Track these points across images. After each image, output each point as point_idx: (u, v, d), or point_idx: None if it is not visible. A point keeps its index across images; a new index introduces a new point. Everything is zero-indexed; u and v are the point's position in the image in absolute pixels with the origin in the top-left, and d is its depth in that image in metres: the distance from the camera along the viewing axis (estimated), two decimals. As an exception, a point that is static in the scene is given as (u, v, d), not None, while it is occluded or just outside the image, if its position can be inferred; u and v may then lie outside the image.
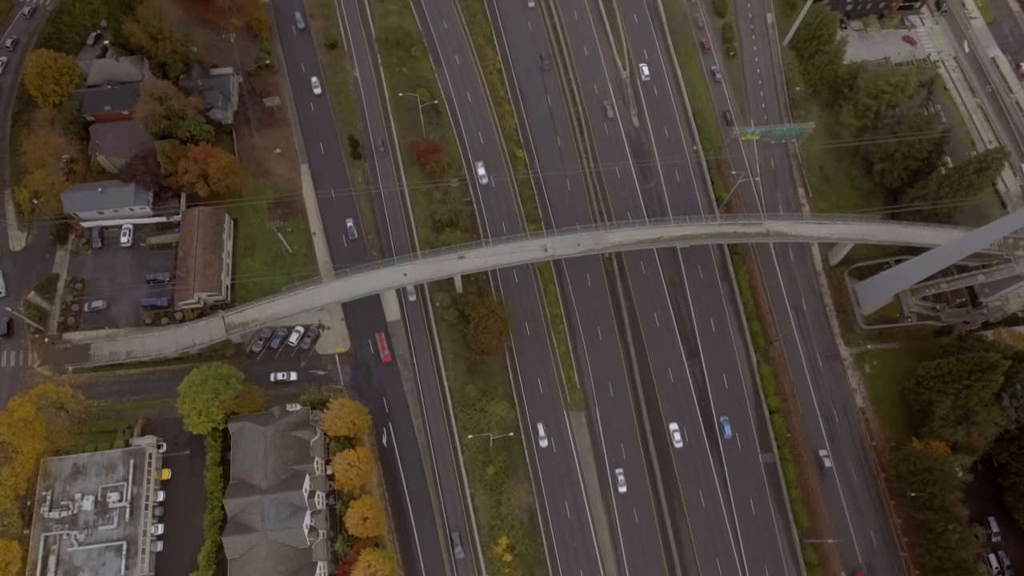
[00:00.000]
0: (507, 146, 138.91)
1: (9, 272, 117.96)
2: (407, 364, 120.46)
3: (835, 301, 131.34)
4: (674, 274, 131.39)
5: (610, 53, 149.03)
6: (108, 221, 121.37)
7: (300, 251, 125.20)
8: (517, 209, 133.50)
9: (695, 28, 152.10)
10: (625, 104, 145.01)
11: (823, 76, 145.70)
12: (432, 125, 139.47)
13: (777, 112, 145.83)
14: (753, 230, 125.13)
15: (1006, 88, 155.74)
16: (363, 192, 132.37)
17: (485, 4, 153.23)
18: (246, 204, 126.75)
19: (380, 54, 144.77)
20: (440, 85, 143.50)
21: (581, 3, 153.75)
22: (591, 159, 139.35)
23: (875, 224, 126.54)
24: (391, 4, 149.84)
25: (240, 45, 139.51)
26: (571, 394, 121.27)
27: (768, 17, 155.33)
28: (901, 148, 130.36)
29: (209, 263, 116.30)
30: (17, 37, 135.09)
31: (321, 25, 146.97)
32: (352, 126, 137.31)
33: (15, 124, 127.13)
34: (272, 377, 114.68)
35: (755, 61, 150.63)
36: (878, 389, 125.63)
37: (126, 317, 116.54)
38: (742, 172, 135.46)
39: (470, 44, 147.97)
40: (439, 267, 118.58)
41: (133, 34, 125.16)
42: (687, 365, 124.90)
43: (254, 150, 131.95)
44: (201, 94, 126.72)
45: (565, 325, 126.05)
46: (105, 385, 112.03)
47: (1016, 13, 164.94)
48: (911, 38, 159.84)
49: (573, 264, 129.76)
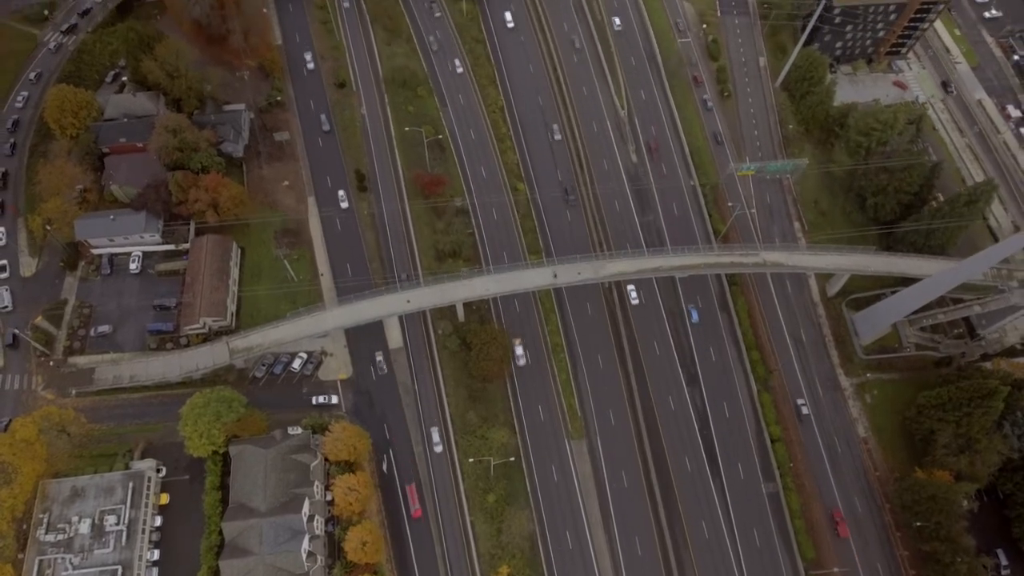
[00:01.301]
0: (509, 180, 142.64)
1: (18, 296, 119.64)
2: (408, 391, 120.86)
3: (834, 331, 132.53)
4: (674, 304, 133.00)
5: (608, 93, 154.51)
6: (118, 248, 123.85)
7: (305, 280, 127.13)
8: (518, 240, 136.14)
9: (690, 68, 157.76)
10: (624, 141, 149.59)
11: (815, 115, 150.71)
12: (436, 160, 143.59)
13: (771, 149, 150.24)
14: (750, 260, 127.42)
15: (993, 128, 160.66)
16: (368, 223, 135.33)
17: (488, 48, 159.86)
18: (253, 234, 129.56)
19: (387, 93, 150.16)
20: (444, 122, 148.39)
21: (581, 48, 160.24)
22: (591, 193, 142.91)
23: (870, 255, 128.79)
24: (398, 47, 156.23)
25: (252, 83, 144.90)
26: (572, 422, 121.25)
27: (760, 60, 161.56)
28: (892, 183, 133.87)
29: (215, 289, 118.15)
30: (41, 71, 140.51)
31: (331, 66, 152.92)
32: (359, 160, 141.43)
33: (32, 155, 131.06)
34: (314, 400, 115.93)
35: (749, 101, 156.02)
36: (879, 419, 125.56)
37: (131, 342, 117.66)
38: (738, 204, 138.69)
39: (474, 85, 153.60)
40: (441, 294, 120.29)
41: (150, 71, 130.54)
42: (687, 393, 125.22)
43: (263, 182, 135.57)
44: (214, 128, 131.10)
45: (566, 353, 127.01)
46: (107, 409, 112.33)
47: (999, 58, 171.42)
48: (901, 83, 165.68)
49: (574, 293, 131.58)
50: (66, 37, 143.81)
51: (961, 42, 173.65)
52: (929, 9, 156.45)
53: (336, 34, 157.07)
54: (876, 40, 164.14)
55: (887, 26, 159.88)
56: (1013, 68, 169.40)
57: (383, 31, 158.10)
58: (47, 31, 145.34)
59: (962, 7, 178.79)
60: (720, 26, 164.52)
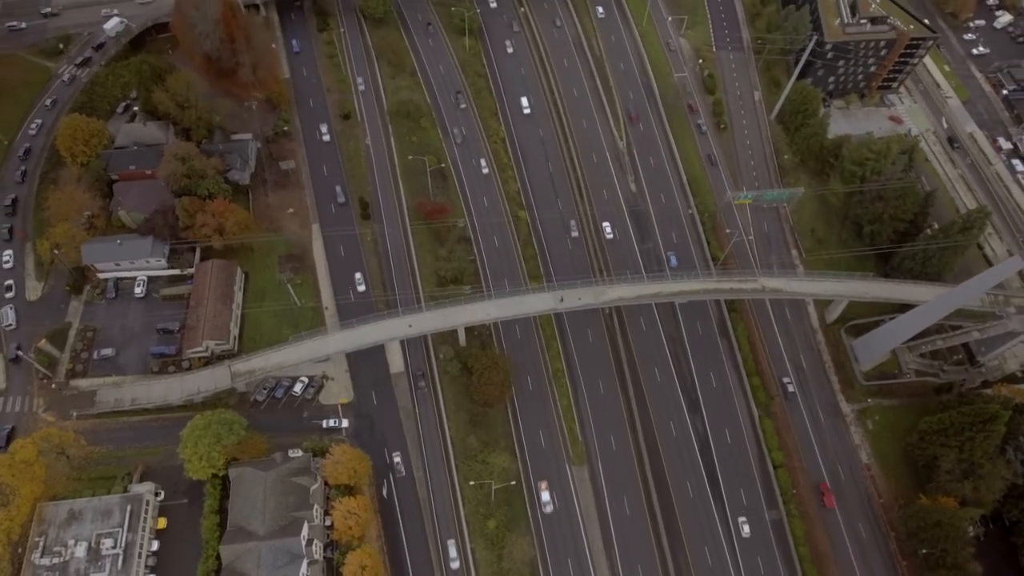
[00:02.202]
0: (510, 208, 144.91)
1: (23, 316, 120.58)
2: (409, 415, 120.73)
3: (833, 358, 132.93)
4: (674, 330, 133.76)
5: (607, 125, 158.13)
6: (124, 272, 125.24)
7: (308, 304, 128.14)
8: (519, 266, 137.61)
9: (686, 97, 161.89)
10: (623, 171, 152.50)
11: (809, 146, 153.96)
12: (439, 188, 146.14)
13: (768, 179, 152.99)
14: (749, 286, 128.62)
15: (985, 160, 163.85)
16: (371, 250, 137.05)
17: (490, 82, 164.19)
18: (258, 259, 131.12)
19: (391, 124, 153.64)
20: (447, 152, 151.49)
21: (580, 81, 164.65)
22: (591, 220, 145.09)
23: (867, 282, 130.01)
24: (403, 80, 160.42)
25: (260, 114, 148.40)
26: (573, 447, 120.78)
27: (755, 94, 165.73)
28: (888, 210, 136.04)
29: (219, 313, 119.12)
30: (56, 98, 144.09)
31: (337, 98, 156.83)
32: (363, 189, 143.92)
33: (42, 182, 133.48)
34: (324, 424, 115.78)
35: (745, 133, 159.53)
36: (882, 446, 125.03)
37: (134, 365, 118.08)
38: (736, 231, 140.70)
39: (476, 116, 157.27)
40: (443, 319, 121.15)
41: (161, 102, 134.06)
42: (689, 419, 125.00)
43: (268, 209, 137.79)
44: (221, 157, 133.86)
45: (567, 379, 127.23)
46: (108, 432, 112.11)
47: (988, 93, 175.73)
48: (897, 117, 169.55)
49: (574, 320, 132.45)
50: (80, 70, 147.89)
51: (951, 77, 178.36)
52: (918, 45, 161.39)
53: (342, 68, 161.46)
54: (868, 75, 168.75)
55: (878, 61, 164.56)
56: (1003, 102, 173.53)
57: (388, 66, 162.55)
58: (61, 64, 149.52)
59: (950, 44, 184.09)
60: (716, 61, 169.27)
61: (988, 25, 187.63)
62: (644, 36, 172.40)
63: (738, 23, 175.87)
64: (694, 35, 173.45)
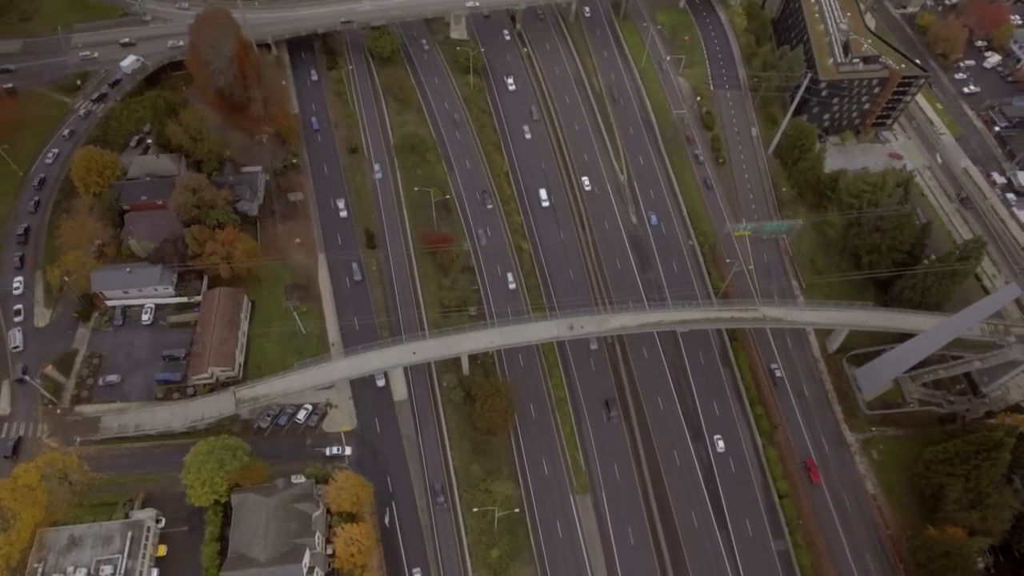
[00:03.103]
0: (513, 239, 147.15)
1: (30, 344, 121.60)
2: (412, 443, 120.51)
3: (836, 387, 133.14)
4: (676, 358, 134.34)
5: (608, 159, 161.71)
6: (132, 300, 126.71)
7: (313, 333, 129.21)
8: (522, 296, 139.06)
9: (684, 129, 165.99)
10: (624, 203, 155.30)
11: (807, 180, 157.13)
12: (443, 220, 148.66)
13: (767, 211, 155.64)
14: (750, 315, 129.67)
15: (980, 194, 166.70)
16: (376, 279, 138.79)
17: (493, 118, 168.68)
18: (264, 288, 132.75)
19: (397, 158, 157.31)
20: (451, 185, 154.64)
21: (581, 116, 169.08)
22: (593, 250, 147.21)
23: (867, 311, 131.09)
24: (408, 115, 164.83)
25: (269, 148, 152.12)
26: (576, 476, 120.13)
27: (753, 130, 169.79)
28: (885, 241, 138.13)
29: (225, 340, 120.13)
30: (74, 129, 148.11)
31: (344, 133, 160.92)
32: (368, 220, 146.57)
33: (55, 211, 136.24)
34: (327, 451, 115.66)
35: (743, 167, 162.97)
36: (888, 476, 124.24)
37: (139, 391, 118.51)
38: (736, 261, 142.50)
39: (479, 150, 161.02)
40: (447, 346, 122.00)
41: (175, 135, 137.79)
42: (693, 448, 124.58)
43: (276, 239, 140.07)
44: (231, 188, 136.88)
45: (570, 407, 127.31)
46: (111, 458, 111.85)
47: (981, 130, 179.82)
48: (896, 153, 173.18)
49: (577, 348, 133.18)
50: (95, 105, 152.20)
51: (943, 115, 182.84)
52: (910, 84, 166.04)
53: (350, 104, 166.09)
54: (862, 112, 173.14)
55: (871, 99, 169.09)
56: (995, 138, 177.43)
57: (395, 101, 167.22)
58: (78, 99, 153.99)
59: (942, 83, 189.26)
60: (713, 99, 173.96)
61: (978, 65, 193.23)
62: (643, 74, 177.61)
63: (734, 62, 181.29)
64: (692, 74, 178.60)
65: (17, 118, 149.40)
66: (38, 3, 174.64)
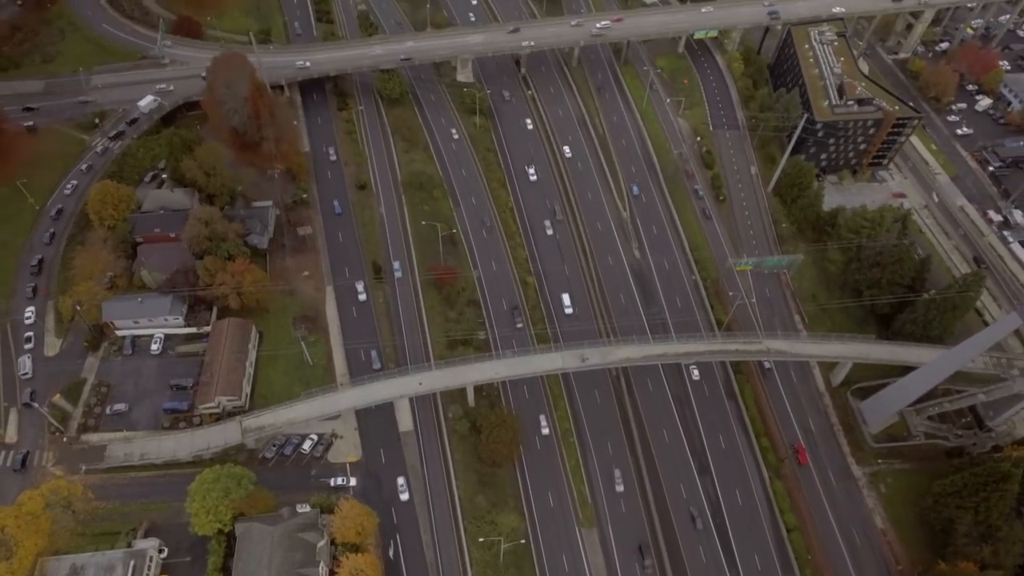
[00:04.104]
0: (519, 273, 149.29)
1: (39, 373, 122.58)
2: (417, 475, 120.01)
3: (842, 420, 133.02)
4: (681, 391, 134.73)
5: (611, 196, 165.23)
6: (141, 330, 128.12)
7: (320, 363, 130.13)
8: (527, 328, 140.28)
9: (683, 165, 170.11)
10: (627, 239, 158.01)
11: (806, 216, 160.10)
12: (449, 254, 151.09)
13: (767, 247, 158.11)
14: (754, 348, 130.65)
15: (978, 232, 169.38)
16: (383, 311, 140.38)
17: (499, 155, 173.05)
18: (273, 319, 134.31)
19: (405, 195, 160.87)
20: (457, 221, 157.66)
21: (584, 155, 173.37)
22: (597, 285, 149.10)
23: (870, 344, 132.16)
24: (415, 154, 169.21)
25: (280, 184, 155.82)
26: (582, 509, 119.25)
27: (752, 169, 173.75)
28: (885, 276, 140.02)
29: (233, 369, 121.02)
30: (92, 164, 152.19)
31: (353, 171, 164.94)
32: (376, 253, 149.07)
33: (69, 243, 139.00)
34: (332, 482, 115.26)
35: (743, 204, 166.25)
36: (896, 510, 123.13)
37: (145, 420, 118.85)
38: (738, 294, 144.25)
39: (485, 187, 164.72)
40: (453, 377, 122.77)
41: (189, 169, 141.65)
42: (699, 481, 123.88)
43: (285, 272, 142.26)
44: (242, 221, 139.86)
45: (575, 439, 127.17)
46: (115, 487, 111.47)
47: (975, 169, 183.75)
48: (900, 193, 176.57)
49: (582, 381, 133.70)
50: (113, 142, 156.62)
51: (938, 155, 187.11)
52: (904, 125, 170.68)
53: (359, 143, 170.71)
54: (858, 152, 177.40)
55: (867, 140, 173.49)
56: (990, 178, 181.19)
57: (403, 141, 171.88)
58: (96, 137, 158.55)
59: (935, 125, 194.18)
60: (713, 138, 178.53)
61: (970, 108, 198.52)
62: (644, 116, 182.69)
63: (732, 104, 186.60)
64: (692, 115, 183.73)
65: (36, 154, 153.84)
66: (60, 46, 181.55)
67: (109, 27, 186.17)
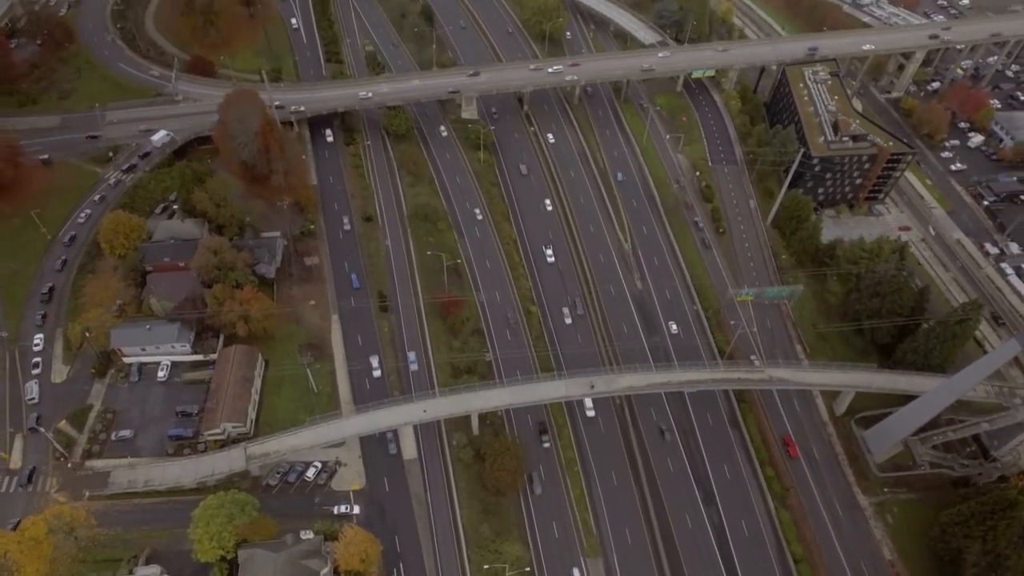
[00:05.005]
0: (522, 304, 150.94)
1: (45, 399, 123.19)
2: (421, 503, 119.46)
3: (846, 450, 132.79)
4: (685, 420, 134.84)
5: (613, 228, 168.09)
6: (148, 357, 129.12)
7: (325, 391, 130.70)
8: (531, 358, 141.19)
9: (682, 195, 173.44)
10: (629, 270, 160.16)
11: (805, 248, 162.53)
12: (454, 285, 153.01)
13: (767, 278, 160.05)
14: (756, 376, 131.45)
15: (975, 264, 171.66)
16: (388, 340, 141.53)
17: (502, 188, 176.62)
18: (278, 347, 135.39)
19: (410, 227, 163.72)
20: (462, 252, 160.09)
21: (586, 189, 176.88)
22: (600, 316, 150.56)
23: (872, 373, 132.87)
24: (421, 187, 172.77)
25: (288, 215, 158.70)
26: (587, 539, 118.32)
27: (751, 203, 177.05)
28: (885, 306, 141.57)
29: (239, 396, 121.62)
30: (105, 195, 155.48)
31: (360, 203, 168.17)
32: (381, 283, 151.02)
33: (80, 272, 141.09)
34: (336, 510, 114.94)
35: (743, 237, 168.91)
36: (904, 541, 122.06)
37: (150, 447, 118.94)
38: (740, 324, 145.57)
39: (489, 220, 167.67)
40: (457, 404, 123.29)
41: (200, 201, 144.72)
42: (704, 511, 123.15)
43: (292, 301, 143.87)
44: (251, 251, 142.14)
45: (579, 468, 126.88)
46: (118, 513, 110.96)
47: (970, 204, 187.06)
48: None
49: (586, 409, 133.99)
50: (125, 175, 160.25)
51: (933, 190, 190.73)
52: (899, 160, 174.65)
53: (366, 177, 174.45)
54: (855, 187, 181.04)
55: (862, 174, 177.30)
56: (985, 212, 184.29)
57: (408, 175, 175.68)
58: (109, 170, 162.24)
59: (929, 161, 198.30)
60: (712, 173, 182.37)
61: (963, 144, 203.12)
62: (644, 151, 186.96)
63: (730, 140, 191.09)
64: (691, 151, 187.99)
65: (49, 186, 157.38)
66: (76, 84, 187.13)
67: (125, 66, 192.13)
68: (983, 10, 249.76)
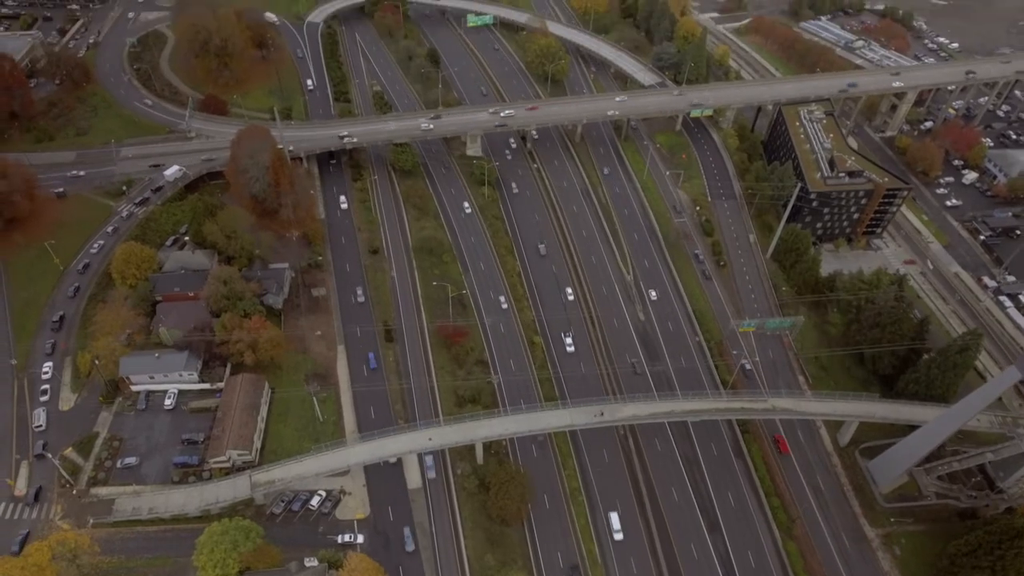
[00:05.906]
0: (526, 334, 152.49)
1: (52, 426, 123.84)
2: (425, 533, 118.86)
3: (851, 480, 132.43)
4: (689, 450, 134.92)
5: (615, 261, 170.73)
6: (156, 385, 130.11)
7: (330, 420, 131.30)
8: (535, 388, 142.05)
9: (682, 228, 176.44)
10: (631, 302, 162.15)
11: (805, 281, 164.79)
12: (458, 317, 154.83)
13: (768, 310, 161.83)
14: (760, 406, 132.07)
15: (974, 297, 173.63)
16: (393, 369, 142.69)
17: (506, 223, 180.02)
18: (285, 376, 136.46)
19: (415, 259, 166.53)
20: (467, 284, 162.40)
21: (588, 223, 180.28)
22: (603, 347, 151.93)
23: (874, 403, 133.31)
24: (426, 221, 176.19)
25: (296, 247, 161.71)
26: (592, 570, 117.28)
27: (750, 236, 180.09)
28: (885, 337, 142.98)
29: (245, 423, 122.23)
30: (118, 226, 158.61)
31: (366, 236, 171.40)
32: (387, 315, 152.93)
33: (90, 302, 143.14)
34: (340, 539, 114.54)
35: (743, 270, 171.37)
36: (912, 573, 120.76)
37: (156, 474, 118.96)
38: (741, 353, 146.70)
39: (493, 253, 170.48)
40: (463, 433, 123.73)
41: (211, 232, 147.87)
42: (710, 541, 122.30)
43: (299, 331, 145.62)
44: (259, 282, 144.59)
45: (584, 497, 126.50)
46: (121, 541, 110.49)
47: (967, 238, 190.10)
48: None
49: (590, 440, 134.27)
50: (138, 208, 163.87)
51: (929, 225, 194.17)
52: (895, 195, 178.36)
53: (373, 211, 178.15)
54: (852, 221, 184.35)
55: (859, 209, 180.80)
56: (981, 246, 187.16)
57: (414, 209, 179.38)
58: (122, 203, 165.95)
59: (925, 197, 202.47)
60: (712, 208, 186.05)
61: (957, 181, 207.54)
62: (645, 187, 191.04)
63: (729, 177, 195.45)
64: (690, 187, 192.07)
65: (63, 218, 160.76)
66: (93, 121, 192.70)
67: (140, 104, 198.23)
68: (972, 54, 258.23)
